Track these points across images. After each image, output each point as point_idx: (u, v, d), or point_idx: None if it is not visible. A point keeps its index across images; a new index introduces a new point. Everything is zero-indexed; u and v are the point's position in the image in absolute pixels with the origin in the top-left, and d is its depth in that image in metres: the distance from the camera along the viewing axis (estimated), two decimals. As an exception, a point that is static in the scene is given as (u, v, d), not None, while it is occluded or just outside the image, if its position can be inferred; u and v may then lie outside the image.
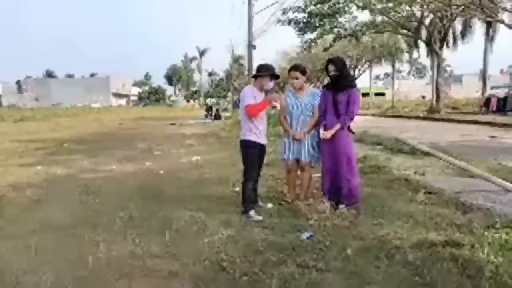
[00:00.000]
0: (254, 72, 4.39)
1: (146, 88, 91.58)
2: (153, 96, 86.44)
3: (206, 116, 26.54)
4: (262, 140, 4.29)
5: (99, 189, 5.71)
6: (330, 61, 4.32)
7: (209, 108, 28.55)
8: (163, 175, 6.86)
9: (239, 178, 5.44)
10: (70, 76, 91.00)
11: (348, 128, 4.28)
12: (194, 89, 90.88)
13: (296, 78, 4.43)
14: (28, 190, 5.72)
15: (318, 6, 19.71)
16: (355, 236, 3.44)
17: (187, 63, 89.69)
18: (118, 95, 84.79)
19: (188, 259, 3.18)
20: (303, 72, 4.48)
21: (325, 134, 4.25)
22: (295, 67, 4.52)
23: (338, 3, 19.76)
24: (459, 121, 17.77)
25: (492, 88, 27.60)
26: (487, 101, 24.11)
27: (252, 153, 4.24)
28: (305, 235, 3.53)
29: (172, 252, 3.34)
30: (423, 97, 54.12)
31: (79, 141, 13.24)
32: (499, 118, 17.55)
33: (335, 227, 3.73)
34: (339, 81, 4.25)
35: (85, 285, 2.86)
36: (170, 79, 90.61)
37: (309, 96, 4.48)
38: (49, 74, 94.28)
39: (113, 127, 20.42)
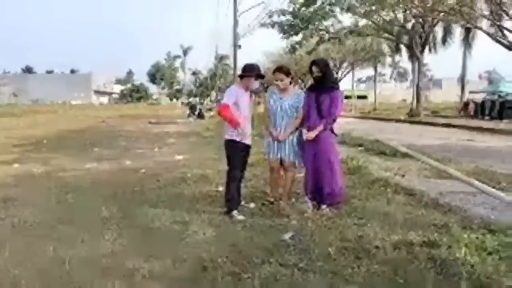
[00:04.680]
0: (239, 72, 4.39)
1: (129, 85, 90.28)
2: (136, 94, 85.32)
3: (189, 115, 26.33)
4: (247, 140, 4.29)
5: (77, 188, 5.60)
6: (313, 62, 4.36)
7: (192, 107, 28.33)
8: (144, 174, 6.77)
9: (222, 178, 5.44)
10: (49, 72, 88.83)
11: (331, 129, 4.32)
12: (177, 87, 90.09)
13: (281, 80, 4.43)
14: (5, 188, 5.56)
15: (303, 9, 19.86)
16: (337, 236, 3.47)
17: (170, 61, 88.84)
18: (99, 93, 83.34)
19: (169, 259, 3.14)
20: (288, 74, 4.48)
21: (308, 135, 4.28)
22: (279, 69, 4.52)
23: (323, 7, 19.95)
24: (438, 125, 18.18)
25: (470, 92, 28.34)
26: (465, 105, 24.77)
27: (237, 153, 4.23)
28: (287, 235, 3.54)
29: (152, 251, 3.30)
30: (404, 100, 55.16)
31: (59, 138, 12.95)
32: (476, 122, 18.05)
33: (317, 227, 3.76)
34: (323, 82, 4.29)
35: (63, 285, 2.79)
36: (153, 77, 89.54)
37: (293, 97, 4.49)
38: (28, 70, 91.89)
39: (94, 125, 20.05)
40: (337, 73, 39.19)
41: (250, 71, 4.25)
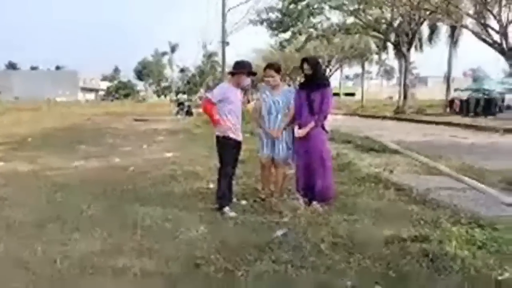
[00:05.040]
0: (230, 69, 4.38)
1: (115, 82, 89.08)
2: (123, 91, 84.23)
3: (177, 112, 26.10)
4: (238, 137, 4.27)
5: (66, 186, 5.50)
6: (304, 60, 4.37)
7: (180, 104, 28.08)
8: (134, 171, 6.69)
9: (213, 175, 5.43)
10: (34, 68, 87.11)
11: (322, 126, 4.34)
12: (165, 84, 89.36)
13: (272, 76, 4.44)
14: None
15: (292, 6, 19.89)
16: (329, 232, 3.48)
17: (158, 57, 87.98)
18: (86, 89, 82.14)
19: (161, 257, 3.12)
20: (278, 70, 4.51)
21: (299, 132, 4.29)
22: (270, 65, 4.54)
23: (312, 4, 20.00)
24: (424, 122, 18.43)
25: (455, 90, 28.80)
26: (451, 102, 25.17)
27: (228, 150, 4.21)
28: (280, 232, 3.55)
29: (144, 249, 3.27)
30: (390, 97, 55.75)
31: (44, 136, 12.69)
32: (462, 119, 18.35)
33: (309, 224, 3.77)
34: (314, 79, 4.31)
35: (55, 284, 2.75)
36: (140, 73, 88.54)
37: (284, 94, 4.50)
38: (12, 66, 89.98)
39: (80, 122, 19.74)
40: (325, 70, 39.42)
41: (242, 68, 4.24)
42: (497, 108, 21.13)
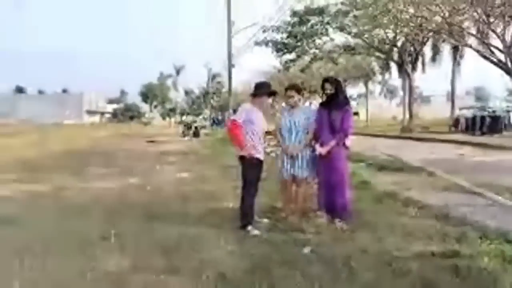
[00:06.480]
0: (240, 89, 4.48)
1: (121, 105, 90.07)
2: (128, 113, 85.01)
3: (183, 133, 26.26)
4: (261, 156, 4.34)
5: (83, 205, 5.56)
6: (326, 80, 4.50)
7: (187, 125, 28.27)
8: (151, 191, 6.75)
9: (229, 194, 5.48)
10: (41, 92, 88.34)
11: (344, 144, 4.41)
12: (170, 106, 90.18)
13: (292, 97, 4.57)
14: (11, 207, 5.49)
15: (297, 27, 20.33)
16: (356, 249, 3.50)
17: (162, 80, 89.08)
18: (91, 112, 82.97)
19: (189, 274, 3.13)
20: (299, 91, 4.65)
21: (321, 150, 4.36)
22: (291, 86, 4.70)
23: (316, 25, 20.45)
24: (431, 140, 18.43)
25: (461, 109, 28.91)
26: (456, 121, 25.21)
27: (253, 169, 4.27)
28: (306, 249, 3.55)
29: (172, 267, 3.28)
30: (395, 117, 55.82)
31: (55, 158, 12.78)
32: (469, 137, 18.35)
33: (334, 241, 3.78)
34: (335, 99, 4.41)
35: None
36: (145, 96, 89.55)
37: (302, 113, 4.60)
38: (19, 90, 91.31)
39: (89, 144, 19.89)
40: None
41: (263, 89, 4.36)
42: (503, 125, 21.14)
